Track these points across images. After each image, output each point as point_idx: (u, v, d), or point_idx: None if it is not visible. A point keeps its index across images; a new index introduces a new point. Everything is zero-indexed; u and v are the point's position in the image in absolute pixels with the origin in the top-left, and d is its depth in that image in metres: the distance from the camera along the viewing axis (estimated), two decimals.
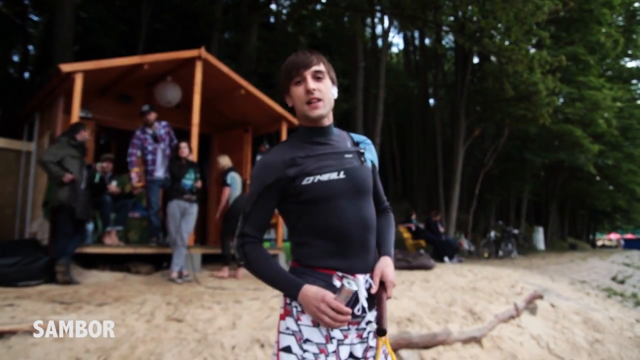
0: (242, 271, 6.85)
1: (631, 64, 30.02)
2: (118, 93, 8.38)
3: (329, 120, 1.74)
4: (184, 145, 6.71)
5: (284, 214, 1.75)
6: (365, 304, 1.63)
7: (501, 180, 22.82)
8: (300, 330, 1.58)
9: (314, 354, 1.56)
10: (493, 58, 14.82)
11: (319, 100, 1.66)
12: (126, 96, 8.53)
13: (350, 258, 1.63)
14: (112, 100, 8.39)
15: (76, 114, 6.33)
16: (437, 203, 18.06)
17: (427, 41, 23.54)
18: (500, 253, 15.63)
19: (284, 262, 7.74)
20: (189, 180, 6.56)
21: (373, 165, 1.83)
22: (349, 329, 1.62)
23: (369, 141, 1.86)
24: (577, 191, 30.35)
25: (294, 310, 1.61)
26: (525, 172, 23.04)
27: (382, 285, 1.66)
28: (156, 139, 7.33)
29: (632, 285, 13.36)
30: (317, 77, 1.68)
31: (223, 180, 7.13)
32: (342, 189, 1.65)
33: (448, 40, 21.90)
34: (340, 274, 1.61)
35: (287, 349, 1.58)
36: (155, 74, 7.98)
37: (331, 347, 1.59)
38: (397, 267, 8.52)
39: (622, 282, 13.33)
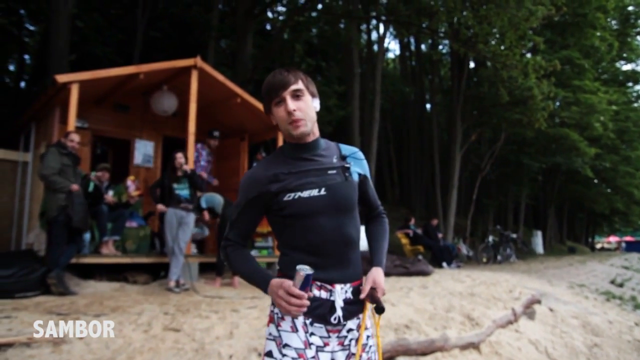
0: (239, 279, 6.83)
1: (626, 67, 30.09)
2: (114, 102, 8.39)
3: (313, 136, 1.77)
4: (179, 155, 6.72)
5: (271, 225, 1.80)
6: (341, 313, 1.67)
7: (499, 185, 22.87)
8: (280, 336, 1.63)
9: (293, 358, 1.59)
10: (489, 63, 14.90)
11: (300, 119, 1.68)
12: (122, 106, 8.54)
13: (327, 270, 1.67)
14: (108, 109, 8.40)
15: (72, 124, 6.33)
16: (434, 208, 18.07)
17: (423, 47, 23.63)
18: (499, 258, 15.62)
19: None
20: (185, 189, 6.57)
21: (363, 177, 1.86)
22: (329, 337, 1.67)
23: (359, 155, 1.88)
24: (575, 194, 30.42)
25: (275, 316, 1.66)
26: (522, 176, 23.09)
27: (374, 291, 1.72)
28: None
29: (631, 289, 13.37)
30: (296, 95, 1.71)
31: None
32: (323, 206, 1.67)
33: (444, 45, 21.97)
34: (319, 283, 1.65)
35: (269, 354, 1.63)
36: (151, 83, 7.99)
37: (310, 353, 1.62)
38: (396, 273, 8.51)
39: (621, 285, 13.34)
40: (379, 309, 1.65)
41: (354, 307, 1.71)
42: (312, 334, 1.65)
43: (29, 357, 3.18)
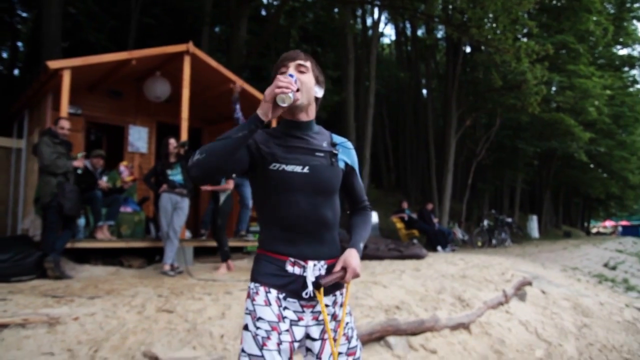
0: (233, 263, 6.89)
1: (623, 51, 30.04)
2: (107, 89, 8.40)
3: (307, 116, 1.82)
4: (172, 141, 6.76)
5: (254, 200, 1.86)
6: (312, 288, 1.72)
7: (494, 170, 22.93)
8: (254, 309, 1.68)
9: (266, 331, 1.64)
10: (483, 48, 14.89)
11: (297, 90, 1.72)
12: (116, 92, 8.55)
13: (300, 246, 1.73)
14: (101, 96, 8.41)
15: (65, 110, 6.35)
16: (430, 193, 18.13)
17: (419, 32, 23.55)
18: (494, 242, 15.74)
19: None
20: (178, 175, 6.61)
21: (350, 167, 1.91)
22: (303, 312, 1.73)
23: (349, 145, 1.94)
24: (570, 179, 30.53)
25: (251, 291, 1.71)
26: (518, 161, 23.16)
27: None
28: None
29: (624, 271, 13.50)
30: (300, 70, 1.79)
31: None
32: (303, 183, 1.73)
33: (439, 30, 21.91)
34: (292, 259, 1.71)
35: (246, 327, 1.68)
36: (144, 69, 8.00)
37: (283, 326, 1.68)
38: (390, 256, 8.58)
39: (613, 268, 13.46)
40: (317, 284, 1.67)
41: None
42: (285, 308, 1.70)
43: (25, 337, 3.24)
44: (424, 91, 24.05)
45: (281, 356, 1.64)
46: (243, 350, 1.65)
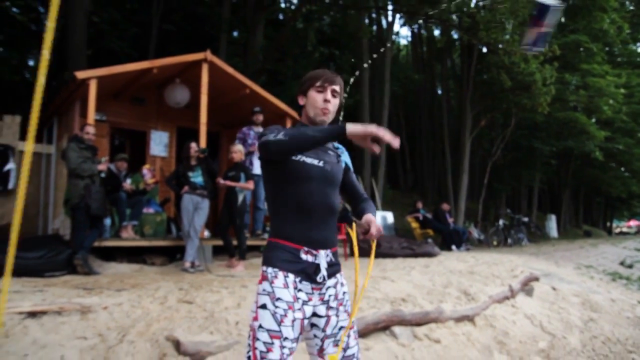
0: (238, 262, 7.11)
1: None
2: (131, 96, 8.82)
3: (325, 124, 2.15)
4: (193, 145, 7.13)
5: (267, 190, 2.15)
6: (325, 274, 2.04)
7: (511, 170, 22.95)
8: (273, 291, 1.96)
9: (284, 310, 1.93)
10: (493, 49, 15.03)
11: (329, 112, 2.11)
12: (138, 99, 8.97)
13: (314, 232, 2.03)
14: (125, 102, 8.83)
15: (92, 117, 6.77)
16: (446, 193, 18.29)
17: (436, 32, 23.69)
18: (510, 241, 15.84)
19: None
20: (199, 177, 6.97)
21: (347, 166, 2.27)
22: (312, 293, 2.03)
23: (344, 150, 2.29)
24: (590, 178, 30.25)
25: (269, 275, 1.99)
26: (535, 160, 23.13)
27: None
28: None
29: None
30: (334, 94, 2.13)
31: (247, 170, 7.41)
32: (318, 175, 2.06)
33: (454, 32, 22.04)
34: (306, 248, 2.01)
35: (263, 306, 1.95)
36: (165, 76, 8.39)
37: (297, 306, 1.97)
38: (402, 254, 8.84)
39: (630, 266, 13.42)
40: (348, 220, 2.02)
41: (332, 269, 2.08)
42: (299, 290, 2.00)
43: (61, 323, 3.60)
44: (440, 92, 24.23)
45: (294, 331, 1.93)
46: (261, 326, 1.92)
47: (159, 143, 9.17)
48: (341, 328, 2.09)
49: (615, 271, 11.86)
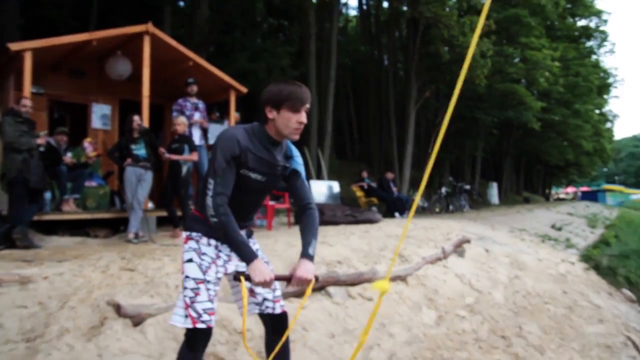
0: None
1: (580, 22, 30.94)
2: (70, 68, 8.62)
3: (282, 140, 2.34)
4: (136, 118, 7.14)
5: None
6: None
7: (455, 139, 23.70)
8: (199, 248, 2.27)
9: (209, 262, 2.26)
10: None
11: (300, 131, 2.28)
12: (78, 71, 8.78)
13: (239, 221, 2.24)
14: (64, 75, 8.63)
15: (28, 90, 6.63)
16: (391, 163, 18.77)
17: (385, 4, 23.83)
18: (451, 208, 16.52)
19: None
20: (141, 149, 7.01)
21: (297, 172, 2.42)
22: (231, 254, 2.34)
23: (296, 154, 2.44)
24: (530, 147, 31.62)
25: (195, 236, 2.29)
26: (478, 130, 23.97)
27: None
28: (196, 108, 8.36)
29: (569, 232, 14.34)
30: (306, 112, 2.28)
31: (191, 142, 7.52)
32: (257, 187, 2.32)
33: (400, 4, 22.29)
34: None
35: (190, 260, 2.25)
36: (106, 48, 8.24)
37: (220, 262, 2.31)
38: (344, 222, 9.14)
39: (559, 229, 14.25)
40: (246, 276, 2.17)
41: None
42: (220, 251, 2.32)
43: (0, 294, 3.68)
44: (387, 63, 24.52)
45: (217, 281, 2.28)
46: (187, 277, 2.21)
47: (100, 116, 9.05)
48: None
49: (545, 234, 12.59)
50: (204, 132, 8.69)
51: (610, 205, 37.43)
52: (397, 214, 12.62)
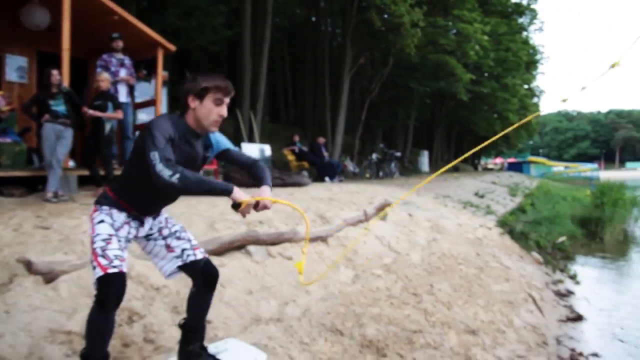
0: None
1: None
2: None
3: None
4: (54, 72, 6.82)
5: (133, 167, 2.36)
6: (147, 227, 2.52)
7: (388, 107, 24.13)
8: (111, 213, 2.33)
9: (120, 224, 2.34)
10: None
11: (219, 123, 2.35)
12: None
13: (149, 207, 2.45)
14: None
15: None
16: (324, 128, 18.92)
17: None
18: (381, 174, 16.97)
19: None
20: (61, 105, 6.74)
21: (224, 150, 2.55)
22: (139, 227, 2.46)
23: (216, 137, 2.53)
24: (461, 118, 32.72)
25: (107, 207, 2.34)
26: (411, 99, 24.49)
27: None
28: (121, 64, 8.04)
29: (490, 199, 15.14)
30: (227, 106, 2.34)
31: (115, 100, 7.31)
32: None
33: None
34: (136, 213, 2.39)
35: (101, 221, 2.31)
36: None
37: (129, 228, 2.40)
38: (273, 184, 9.23)
39: (482, 196, 15.00)
40: (235, 205, 2.26)
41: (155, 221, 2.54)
42: (130, 222, 2.40)
43: None
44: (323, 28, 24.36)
45: (127, 243, 2.39)
46: (98, 234, 2.26)
47: (16, 68, 8.56)
48: (176, 232, 2.57)
49: (468, 200, 13.22)
50: (131, 89, 8.44)
51: (532, 176, 39.57)
52: (327, 179, 12.85)
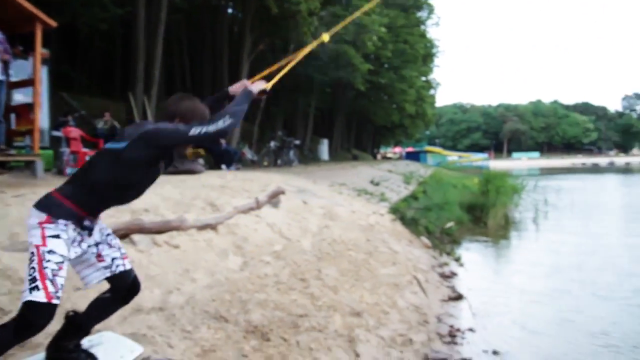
0: None
1: None
2: None
3: None
4: None
5: (115, 168, 2.31)
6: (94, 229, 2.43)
7: (288, 95, 24.17)
8: (66, 230, 2.22)
9: (72, 241, 2.26)
10: None
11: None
12: None
13: (102, 209, 2.42)
14: None
15: None
16: None
17: None
18: (279, 162, 17.04)
19: (41, 170, 7.58)
20: None
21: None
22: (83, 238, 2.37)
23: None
24: (361, 107, 33.58)
25: (63, 219, 2.21)
26: (312, 87, 24.70)
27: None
28: None
29: (385, 187, 15.75)
30: None
31: None
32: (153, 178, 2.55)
33: None
34: (91, 217, 2.34)
35: (57, 236, 2.18)
36: None
37: (80, 242, 2.32)
38: (165, 172, 8.96)
39: (377, 184, 15.55)
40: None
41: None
42: (79, 233, 2.30)
43: None
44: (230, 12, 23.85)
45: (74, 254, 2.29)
46: (52, 251, 2.14)
47: None
48: (108, 235, 2.53)
49: (363, 188, 13.66)
50: (5, 66, 7.74)
51: (429, 165, 41.68)
52: (224, 166, 12.67)
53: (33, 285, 2.08)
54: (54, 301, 2.09)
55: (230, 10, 22.54)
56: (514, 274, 8.78)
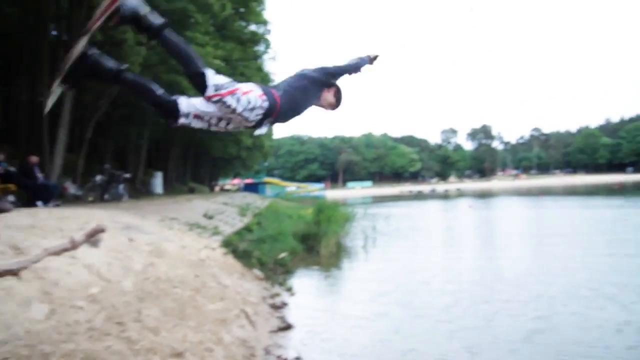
0: None
1: (251, 28, 33.97)
2: None
3: None
4: None
5: None
6: None
7: (119, 126, 22.95)
8: None
9: None
10: None
11: None
12: None
13: None
14: None
15: None
16: (41, 147, 16.95)
17: None
18: (107, 197, 15.99)
19: None
20: None
21: None
22: None
23: None
24: (197, 139, 33.10)
25: None
26: (144, 119, 23.71)
27: None
28: None
29: (219, 220, 15.63)
30: None
31: None
32: None
33: None
34: None
35: None
36: None
37: None
38: None
39: (211, 217, 15.38)
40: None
41: None
42: None
43: None
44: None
45: None
46: None
47: None
48: None
49: (196, 222, 13.40)
50: None
51: (267, 196, 42.36)
52: (39, 203, 11.52)
53: None
54: None
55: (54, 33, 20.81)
56: (341, 300, 9.24)
